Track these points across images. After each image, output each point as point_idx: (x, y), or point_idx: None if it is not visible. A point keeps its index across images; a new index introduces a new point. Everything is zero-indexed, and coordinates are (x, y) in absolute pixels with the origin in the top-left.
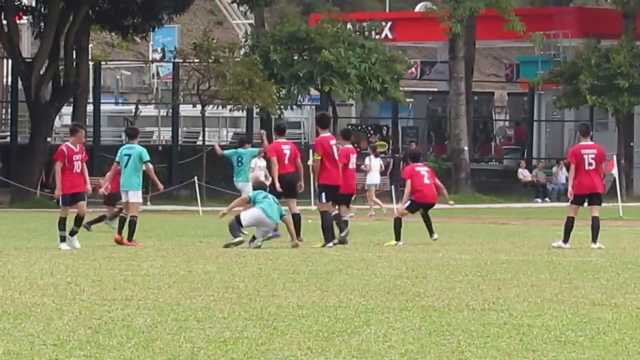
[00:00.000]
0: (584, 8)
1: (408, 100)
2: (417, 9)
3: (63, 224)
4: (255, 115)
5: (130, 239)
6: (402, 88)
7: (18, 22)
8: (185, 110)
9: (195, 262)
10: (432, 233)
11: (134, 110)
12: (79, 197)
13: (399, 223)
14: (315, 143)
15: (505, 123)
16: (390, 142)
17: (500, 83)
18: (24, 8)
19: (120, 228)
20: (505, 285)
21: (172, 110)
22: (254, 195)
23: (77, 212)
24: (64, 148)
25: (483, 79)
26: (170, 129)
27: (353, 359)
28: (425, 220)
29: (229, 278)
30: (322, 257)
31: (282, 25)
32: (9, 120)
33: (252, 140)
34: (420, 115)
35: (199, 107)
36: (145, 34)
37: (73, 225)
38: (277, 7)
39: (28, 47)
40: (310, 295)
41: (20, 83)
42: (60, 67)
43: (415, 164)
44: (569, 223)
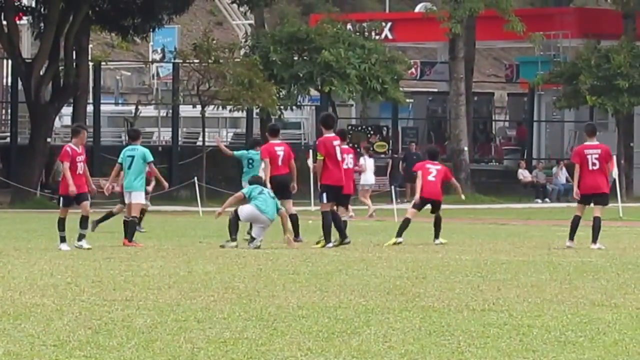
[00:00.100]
0: (584, 8)
1: (408, 101)
2: (417, 10)
3: (62, 225)
4: (255, 116)
5: (130, 240)
6: (402, 88)
7: (18, 22)
8: (185, 111)
9: (195, 262)
10: (437, 237)
11: (134, 111)
12: (83, 197)
13: (407, 223)
14: (318, 143)
15: (505, 123)
16: (390, 142)
17: (500, 83)
18: (24, 8)
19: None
20: (505, 286)
21: (172, 111)
22: (249, 191)
23: (80, 212)
24: (68, 149)
25: (483, 80)
26: (170, 130)
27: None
28: (435, 224)
29: (229, 279)
30: (322, 257)
31: (282, 26)
32: (9, 121)
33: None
34: (420, 116)
35: (199, 107)
36: (145, 35)
37: (79, 229)
38: (277, 7)
39: (28, 47)
40: (310, 296)
41: (20, 83)
42: (60, 67)
43: (428, 161)
44: (575, 221)
